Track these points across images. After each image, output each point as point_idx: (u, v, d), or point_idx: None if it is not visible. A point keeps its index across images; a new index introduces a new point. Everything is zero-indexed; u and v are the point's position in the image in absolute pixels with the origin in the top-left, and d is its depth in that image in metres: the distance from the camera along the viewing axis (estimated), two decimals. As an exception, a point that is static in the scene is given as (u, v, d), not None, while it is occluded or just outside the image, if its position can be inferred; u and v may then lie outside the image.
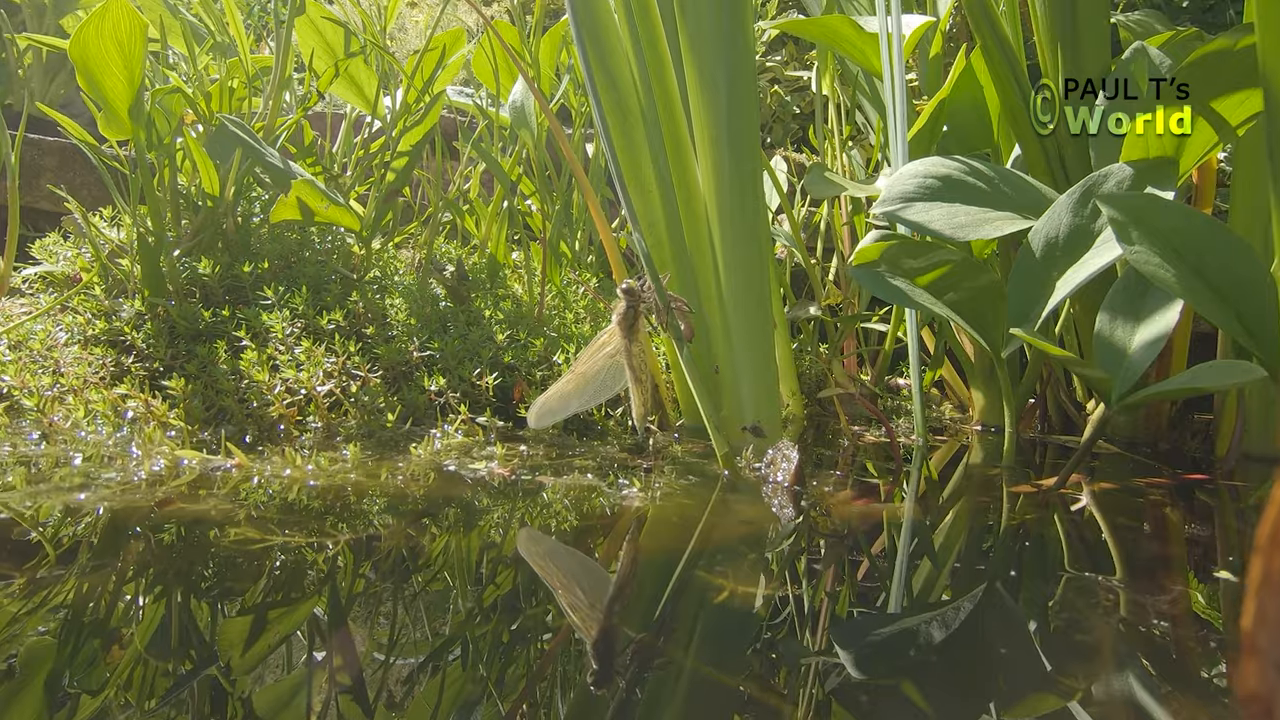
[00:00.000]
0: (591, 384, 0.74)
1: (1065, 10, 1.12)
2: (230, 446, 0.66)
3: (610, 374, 0.74)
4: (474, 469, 0.71)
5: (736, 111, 0.95)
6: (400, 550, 0.53)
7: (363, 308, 1.00)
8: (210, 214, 1.05)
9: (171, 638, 0.40)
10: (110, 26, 0.96)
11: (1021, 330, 0.87)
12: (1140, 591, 0.53)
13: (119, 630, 0.40)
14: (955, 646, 0.44)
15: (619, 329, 0.73)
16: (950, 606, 0.49)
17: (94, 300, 0.94)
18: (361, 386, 0.88)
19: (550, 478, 0.70)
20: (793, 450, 0.74)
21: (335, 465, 0.68)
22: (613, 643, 0.41)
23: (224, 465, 0.65)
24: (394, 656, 0.40)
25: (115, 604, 0.43)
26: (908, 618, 0.48)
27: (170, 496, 0.56)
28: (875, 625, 0.47)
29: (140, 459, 0.66)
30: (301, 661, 0.39)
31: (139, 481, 0.60)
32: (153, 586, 0.45)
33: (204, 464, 0.64)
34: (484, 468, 0.72)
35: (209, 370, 0.87)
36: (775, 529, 0.62)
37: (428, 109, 1.10)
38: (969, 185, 0.99)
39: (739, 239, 0.94)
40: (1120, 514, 0.76)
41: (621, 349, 0.73)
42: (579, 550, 0.55)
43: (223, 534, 0.52)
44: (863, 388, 1.29)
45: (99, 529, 0.52)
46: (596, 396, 0.75)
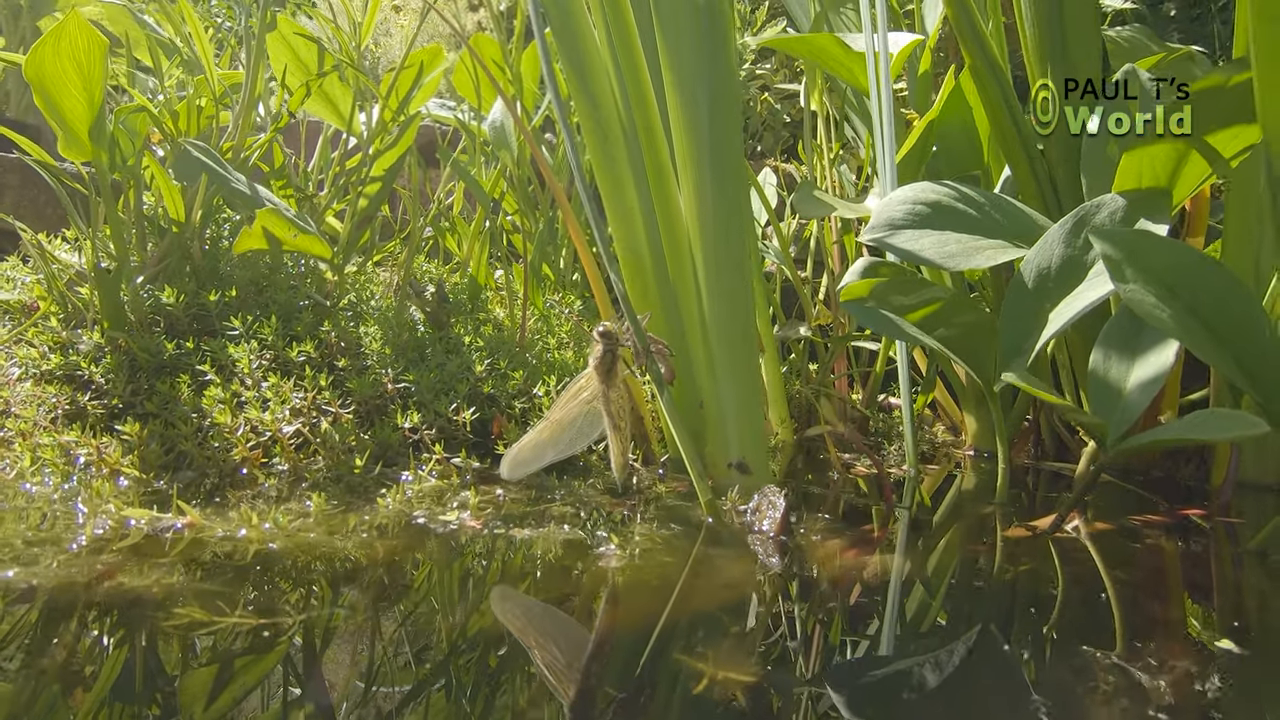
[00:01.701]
0: (567, 432, 0.70)
1: (1054, 29, 1.08)
2: (181, 505, 0.61)
3: (587, 421, 0.70)
4: (445, 520, 0.67)
5: (719, 132, 0.90)
6: (359, 631, 0.49)
7: (335, 337, 0.96)
8: (176, 239, 1.00)
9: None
10: (68, 45, 0.90)
11: (1013, 369, 0.84)
12: (1141, 669, 0.49)
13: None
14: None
15: (596, 374, 0.68)
16: (939, 689, 0.45)
17: (50, 332, 0.89)
18: (333, 422, 0.84)
19: (525, 530, 0.66)
20: (778, 497, 0.70)
21: (296, 522, 0.63)
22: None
23: (174, 525, 0.60)
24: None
25: (34, 707, 0.38)
26: (895, 703, 0.44)
27: (111, 569, 0.52)
28: (860, 711, 0.43)
29: (86, 518, 0.61)
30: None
31: (79, 549, 0.55)
32: (80, 685, 0.41)
33: (153, 524, 0.60)
34: (455, 519, 0.67)
35: (170, 408, 0.82)
36: (760, 593, 0.58)
37: (403, 130, 1.05)
38: (959, 212, 0.96)
39: (723, 267, 0.90)
40: (1118, 563, 0.72)
41: (599, 395, 0.68)
42: (548, 636, 0.51)
43: (166, 615, 0.47)
44: (852, 415, 1.25)
45: (25, 617, 0.47)
46: (573, 445, 0.71)
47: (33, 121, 2.26)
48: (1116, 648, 0.52)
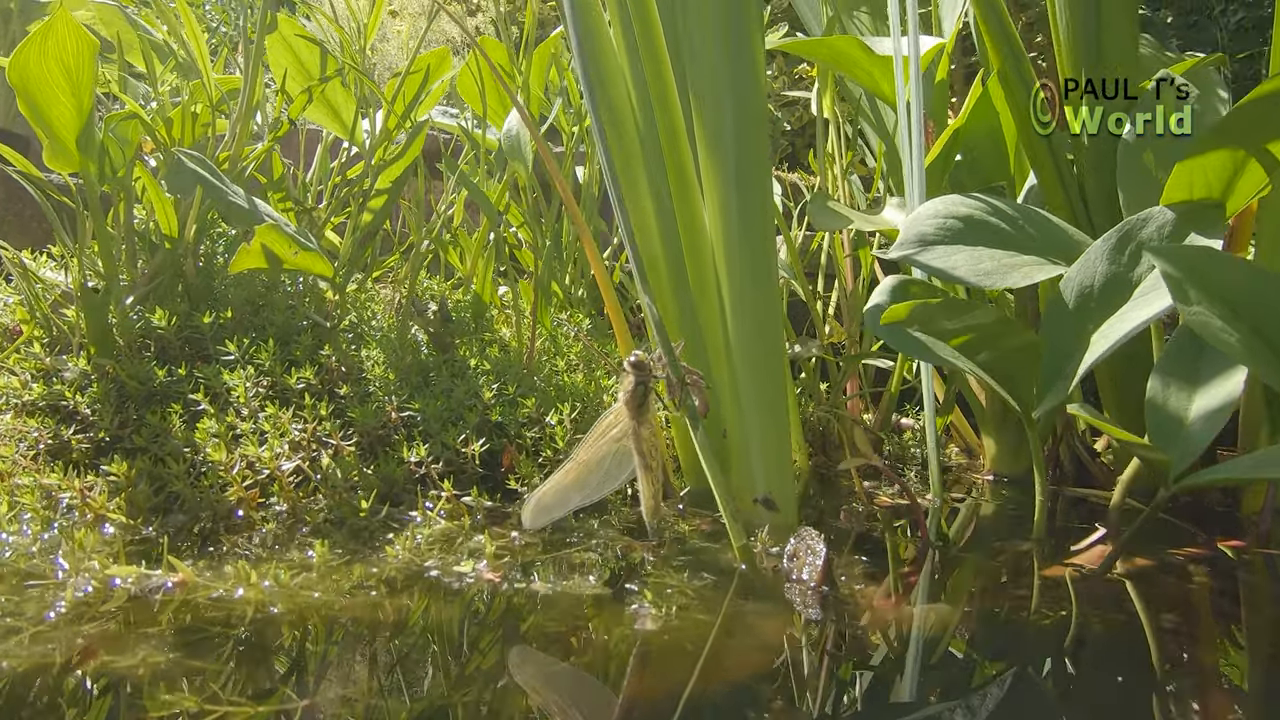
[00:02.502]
0: (595, 474, 0.64)
1: (1090, 33, 1.03)
2: (173, 560, 0.55)
3: (615, 461, 0.64)
4: (459, 572, 0.61)
5: (746, 141, 0.85)
6: (371, 713, 0.44)
7: (336, 361, 0.90)
8: (169, 256, 0.94)
9: None
10: (54, 47, 0.84)
11: (1054, 394, 0.79)
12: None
13: None
14: None
15: (627, 409, 0.63)
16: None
17: (33, 358, 0.82)
18: (334, 455, 0.78)
19: (546, 584, 0.60)
20: (819, 543, 0.64)
21: (297, 578, 0.57)
22: None
23: (165, 584, 0.54)
24: None
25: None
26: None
27: (92, 645, 0.46)
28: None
29: (67, 576, 0.55)
30: None
31: (58, 618, 0.49)
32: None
33: (141, 583, 0.54)
34: (470, 570, 0.61)
35: (160, 442, 0.76)
36: (801, 657, 0.53)
37: (409, 141, 0.99)
38: (991, 226, 0.90)
39: (749, 283, 0.85)
40: (1164, 607, 0.67)
41: (630, 431, 0.63)
42: (574, 697, 0.46)
43: (153, 702, 0.42)
44: (869, 429, 1.20)
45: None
46: (600, 489, 0.65)
47: (21, 132, 2.18)
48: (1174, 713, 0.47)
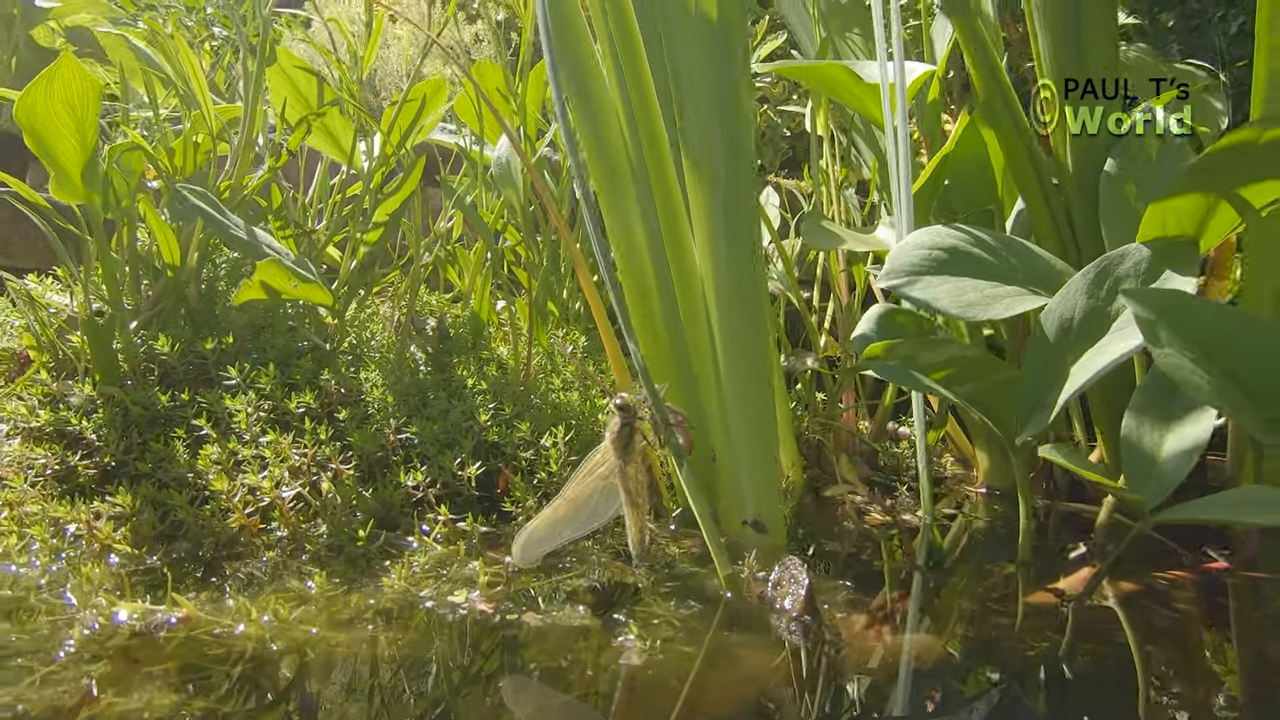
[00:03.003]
0: (584, 510, 0.66)
1: (1071, 45, 1.03)
2: (176, 597, 0.57)
3: (604, 498, 0.66)
4: (453, 602, 0.63)
5: (733, 172, 0.86)
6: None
7: (335, 385, 0.91)
8: (171, 282, 0.95)
9: None
10: (60, 88, 0.86)
11: (1034, 423, 0.80)
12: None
13: None
14: None
15: (613, 449, 0.64)
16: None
17: (39, 384, 0.84)
18: (334, 479, 0.79)
19: (537, 616, 0.62)
20: (802, 572, 0.66)
21: (297, 611, 0.59)
22: None
23: (168, 620, 0.56)
24: None
25: None
26: None
27: (100, 684, 0.48)
28: None
29: (75, 611, 0.57)
30: None
31: (66, 658, 0.51)
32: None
33: (145, 619, 0.55)
34: (464, 601, 0.63)
35: (164, 468, 0.77)
36: (784, 690, 0.55)
37: (406, 175, 1.01)
38: (975, 257, 0.92)
39: (738, 311, 0.86)
40: (1149, 637, 0.69)
41: (616, 470, 0.64)
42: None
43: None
44: (860, 449, 1.21)
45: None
46: (589, 523, 0.67)
47: (17, 131, 2.20)
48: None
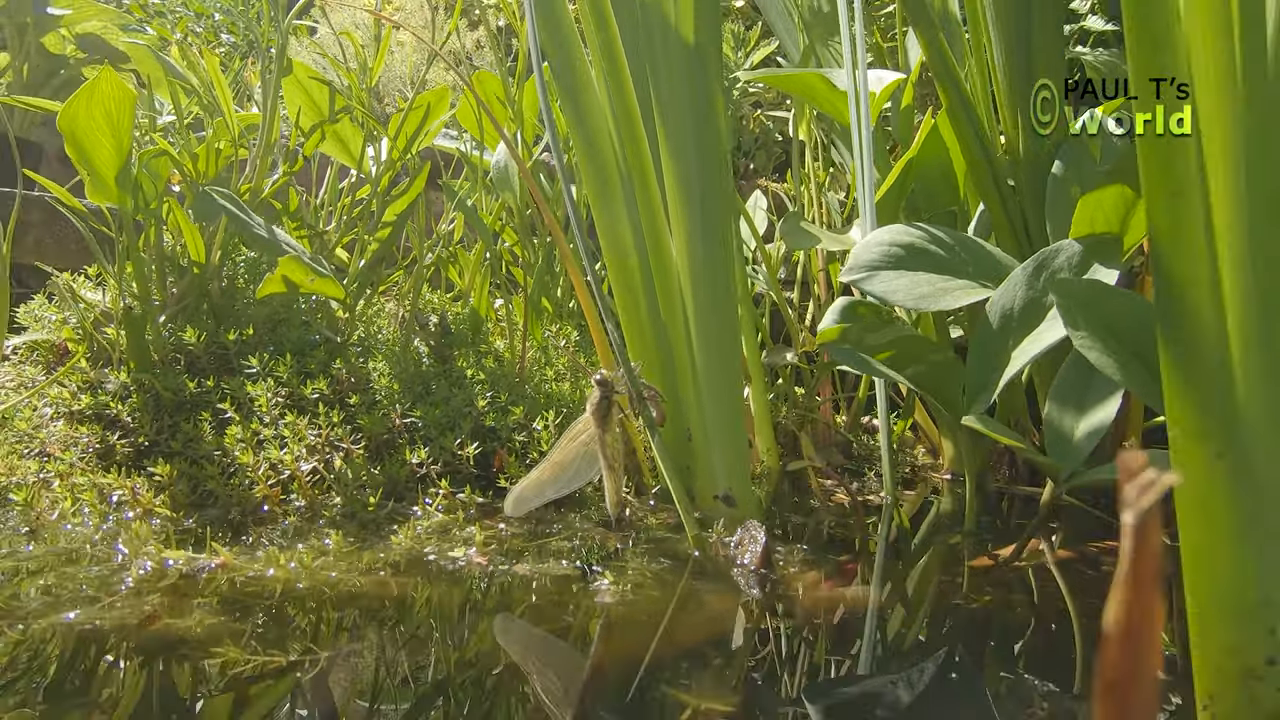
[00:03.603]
0: (566, 472, 0.76)
1: (1021, 58, 1.14)
2: (215, 546, 0.68)
3: (584, 462, 0.76)
4: (453, 556, 0.73)
5: (708, 182, 0.97)
6: (379, 665, 0.55)
7: (346, 373, 1.02)
8: (196, 279, 1.06)
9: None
10: (100, 99, 0.96)
11: (979, 404, 0.90)
12: (1075, 698, 0.56)
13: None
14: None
15: (593, 419, 0.75)
16: (904, 706, 0.52)
17: (79, 372, 0.95)
18: (346, 458, 0.90)
19: (525, 567, 0.72)
20: (759, 532, 0.76)
21: (318, 560, 0.70)
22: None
23: (209, 565, 0.66)
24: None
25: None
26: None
27: (156, 611, 0.58)
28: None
29: (128, 559, 0.67)
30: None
31: (126, 591, 0.61)
32: (144, 715, 0.47)
33: (189, 564, 0.66)
34: (462, 555, 0.74)
35: (194, 446, 0.88)
36: (741, 626, 0.65)
37: (411, 180, 1.11)
38: (931, 253, 1.02)
39: (710, 310, 0.97)
40: (1076, 592, 0.79)
41: (596, 438, 0.75)
42: (547, 670, 0.57)
43: (206, 654, 0.54)
44: (835, 440, 1.31)
45: (87, 658, 0.54)
46: (571, 484, 0.77)
47: (35, 139, 2.31)
48: (1050, 679, 0.59)
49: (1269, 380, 0.44)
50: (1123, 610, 0.23)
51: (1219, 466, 0.44)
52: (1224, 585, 0.44)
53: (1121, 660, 0.23)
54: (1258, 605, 0.44)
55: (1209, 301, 0.45)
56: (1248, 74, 0.46)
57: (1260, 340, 0.45)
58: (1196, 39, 0.46)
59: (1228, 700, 0.44)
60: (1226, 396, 0.44)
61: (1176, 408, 0.45)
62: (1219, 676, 0.44)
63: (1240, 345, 0.44)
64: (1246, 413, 0.44)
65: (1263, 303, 0.45)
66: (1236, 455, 0.44)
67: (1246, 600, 0.44)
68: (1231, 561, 0.44)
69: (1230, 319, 0.45)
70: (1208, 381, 0.45)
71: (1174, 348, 0.46)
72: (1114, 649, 0.23)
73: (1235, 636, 0.44)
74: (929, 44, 1.12)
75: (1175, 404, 0.45)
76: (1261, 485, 0.44)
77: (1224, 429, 0.44)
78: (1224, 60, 0.46)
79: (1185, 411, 0.45)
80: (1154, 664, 0.24)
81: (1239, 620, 0.44)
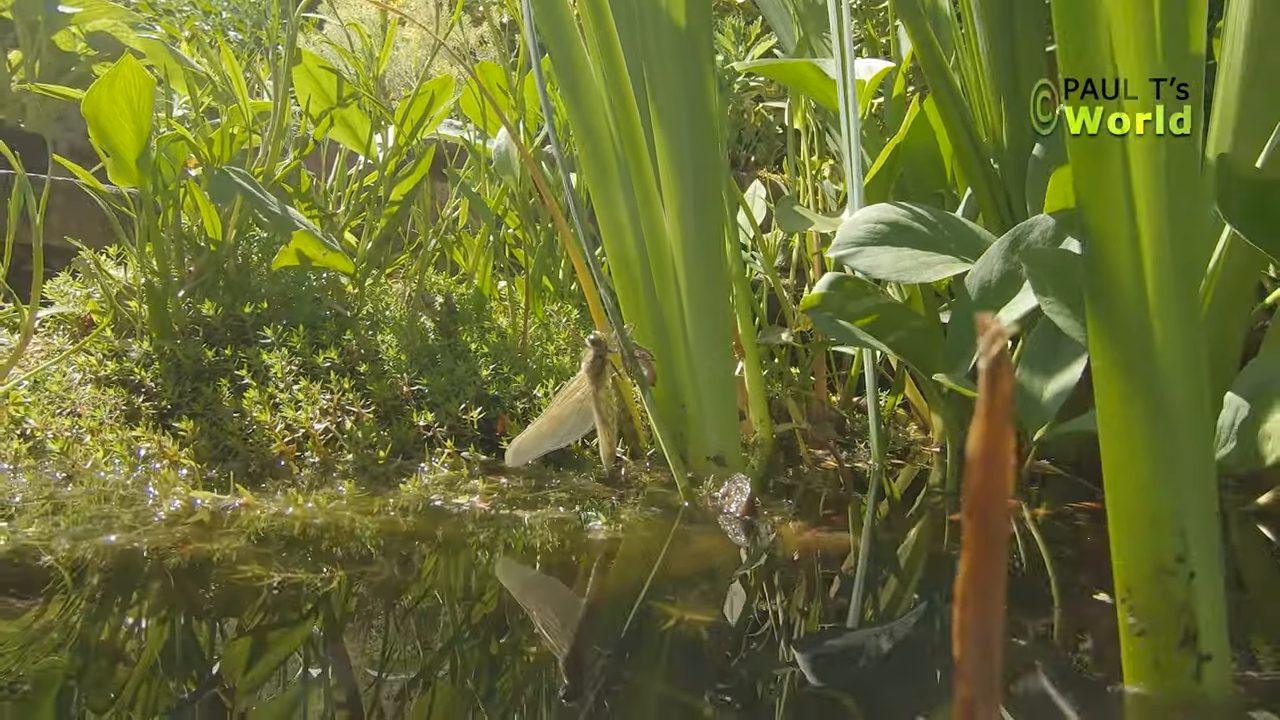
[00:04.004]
0: (563, 426, 0.83)
1: (1007, 68, 1.20)
2: (239, 488, 0.75)
3: (580, 417, 0.83)
4: (458, 503, 0.80)
5: (700, 162, 1.03)
6: (391, 585, 0.62)
7: (356, 344, 1.09)
8: (213, 257, 1.13)
9: (202, 656, 0.49)
10: (122, 85, 1.04)
11: (958, 372, 0.97)
12: (1021, 617, 0.62)
13: (166, 651, 0.49)
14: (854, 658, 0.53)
15: (588, 376, 0.81)
16: (857, 620, 0.58)
17: (104, 341, 1.02)
18: (356, 421, 0.97)
19: (525, 511, 0.79)
20: (745, 483, 0.82)
21: (333, 503, 0.76)
22: (579, 669, 0.50)
23: (233, 504, 0.73)
24: (389, 668, 0.49)
25: (148, 634, 0.51)
26: (829, 638, 0.57)
27: (187, 537, 0.65)
28: (812, 646, 0.56)
29: (158, 499, 0.74)
30: (314, 676, 0.48)
31: (159, 522, 0.68)
32: (177, 621, 0.54)
33: (215, 503, 0.73)
34: (466, 502, 0.80)
35: (214, 409, 0.95)
36: (724, 560, 0.71)
37: (418, 160, 1.18)
38: (914, 230, 1.09)
39: (702, 283, 1.03)
40: (1051, 542, 0.85)
41: (590, 394, 0.81)
42: (546, 588, 0.64)
43: (234, 572, 0.60)
44: (829, 416, 1.38)
45: (129, 570, 0.60)
46: (568, 437, 0.84)
47: (52, 136, 2.39)
48: (1013, 599, 0.65)
49: (1181, 322, 0.51)
50: (980, 441, 0.29)
51: (1137, 397, 0.51)
52: (1141, 496, 0.50)
53: (982, 483, 0.29)
54: (1169, 512, 0.50)
55: (1128, 254, 0.51)
56: (1167, 50, 0.52)
57: (1174, 289, 0.51)
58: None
59: (1143, 593, 0.50)
60: (1144, 336, 0.50)
61: (1100, 346, 0.51)
62: (1136, 573, 0.50)
63: (1156, 292, 0.51)
64: (1161, 350, 0.50)
65: (1174, 255, 0.51)
66: (1152, 387, 0.50)
67: (1160, 508, 0.50)
68: (1147, 476, 0.50)
69: (1148, 269, 0.51)
70: (1128, 323, 0.51)
71: (1099, 296, 0.52)
72: (975, 474, 0.30)
73: (1150, 539, 0.50)
74: (916, 34, 1.19)
75: (1099, 343, 0.51)
76: (1173, 412, 0.50)
77: (1142, 364, 0.51)
78: (1145, 45, 0.52)
79: (1108, 349, 0.51)
80: (1007, 486, 0.30)
81: (1153, 525, 0.50)
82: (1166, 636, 0.50)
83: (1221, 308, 1.07)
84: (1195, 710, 0.49)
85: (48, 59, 2.63)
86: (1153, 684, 0.50)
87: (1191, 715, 0.49)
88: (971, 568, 0.32)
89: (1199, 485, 0.51)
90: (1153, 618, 0.50)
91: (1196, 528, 0.50)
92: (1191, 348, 0.51)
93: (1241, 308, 1.07)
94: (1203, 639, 0.50)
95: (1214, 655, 0.50)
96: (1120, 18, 0.52)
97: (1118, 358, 0.51)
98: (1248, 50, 1.03)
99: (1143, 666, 0.51)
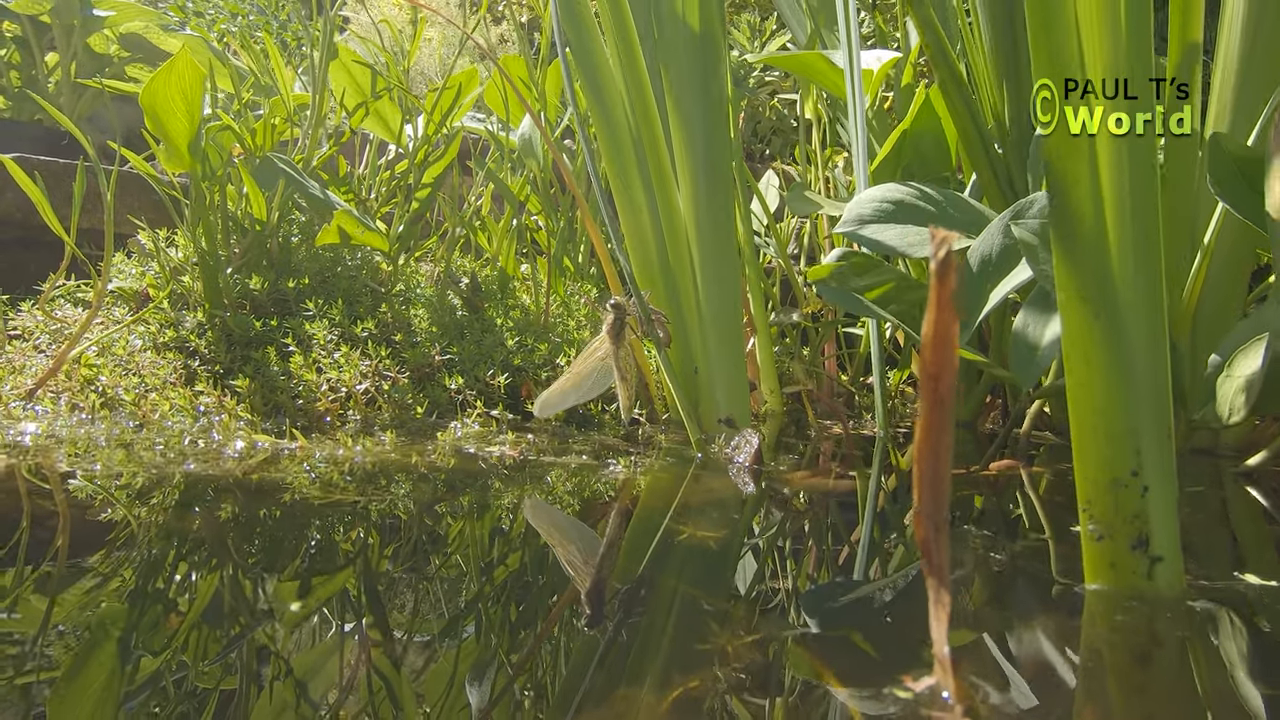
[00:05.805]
0: (586, 381, 0.92)
1: (1009, 56, 1.28)
2: (294, 431, 0.84)
3: (601, 374, 0.92)
4: (489, 451, 0.89)
5: (712, 146, 1.12)
6: (435, 510, 0.71)
7: (390, 317, 1.18)
8: (258, 237, 1.23)
9: (295, 544, 0.58)
10: (176, 78, 1.14)
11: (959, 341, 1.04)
12: (1004, 540, 0.70)
13: (249, 546, 0.58)
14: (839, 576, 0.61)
15: (608, 337, 0.90)
16: (837, 544, 0.67)
17: (161, 312, 1.12)
18: (392, 385, 1.06)
19: (552, 458, 0.87)
20: (753, 436, 0.91)
21: (378, 448, 0.86)
22: (601, 588, 0.59)
23: (290, 447, 0.83)
24: (458, 562, 0.57)
25: (248, 526, 0.60)
26: (814, 552, 0.65)
27: (253, 468, 0.74)
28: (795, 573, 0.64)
29: (222, 441, 0.84)
30: (403, 559, 0.57)
31: (227, 457, 0.78)
32: (270, 517, 0.63)
33: (274, 445, 0.82)
34: (497, 450, 0.89)
35: (263, 372, 1.05)
36: (731, 496, 0.79)
37: (447, 144, 1.28)
38: (919, 208, 1.17)
39: (714, 258, 1.12)
40: (1045, 491, 0.93)
41: (610, 353, 0.90)
42: (574, 516, 0.73)
43: (299, 494, 0.69)
44: (839, 391, 1.46)
45: (207, 489, 0.70)
46: (590, 392, 0.93)
47: (91, 134, 2.52)
48: (991, 528, 0.73)
49: (1137, 256, 0.58)
50: (932, 326, 0.38)
51: (1097, 324, 0.59)
52: (1100, 415, 0.58)
53: (933, 358, 0.38)
54: (1125, 431, 0.58)
55: (1090, 197, 0.59)
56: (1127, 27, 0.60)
57: (1133, 229, 0.59)
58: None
59: (1101, 504, 0.58)
60: (1103, 269, 0.58)
61: (1064, 277, 0.59)
62: (1095, 486, 0.58)
63: (1115, 230, 0.59)
64: (1119, 282, 0.58)
65: (1133, 197, 0.59)
66: (1111, 315, 0.58)
67: (1116, 427, 0.58)
68: (1106, 397, 0.58)
69: (1108, 209, 0.59)
70: (1088, 257, 0.59)
71: (1064, 239, 0.60)
72: (928, 352, 0.38)
73: (1108, 454, 0.58)
74: (922, 23, 1.27)
75: (1063, 274, 0.60)
76: (1130, 337, 0.58)
77: (1101, 294, 0.59)
78: (1109, 37, 0.60)
79: (1071, 280, 0.59)
80: (954, 363, 0.38)
81: (1110, 441, 0.58)
82: (1121, 540, 0.58)
83: (1218, 279, 1.14)
84: (1145, 599, 0.57)
85: (83, 60, 2.76)
86: (1109, 581, 0.58)
87: (1142, 603, 0.57)
88: (925, 428, 0.41)
89: (1154, 407, 0.59)
90: (1109, 524, 0.58)
91: (1150, 445, 0.58)
92: (1148, 281, 0.59)
93: (1237, 279, 1.15)
94: (1154, 543, 0.58)
95: (1165, 557, 0.58)
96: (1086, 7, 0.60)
97: (1079, 288, 0.59)
98: (1243, 37, 1.12)
99: (1101, 567, 0.59)
